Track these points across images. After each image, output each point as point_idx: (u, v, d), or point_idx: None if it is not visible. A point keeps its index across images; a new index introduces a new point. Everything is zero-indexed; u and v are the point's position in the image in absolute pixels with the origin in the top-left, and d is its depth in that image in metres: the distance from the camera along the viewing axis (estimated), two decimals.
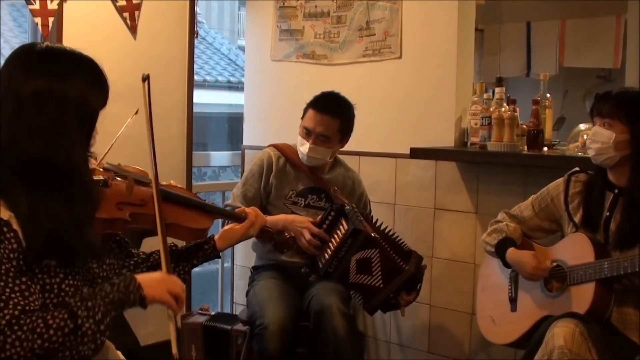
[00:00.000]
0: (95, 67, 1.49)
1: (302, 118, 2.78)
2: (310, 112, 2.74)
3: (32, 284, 1.35)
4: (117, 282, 1.44)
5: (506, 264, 2.35)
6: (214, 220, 1.93)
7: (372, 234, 2.56)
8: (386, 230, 2.69)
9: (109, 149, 1.90)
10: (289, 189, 2.81)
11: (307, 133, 2.73)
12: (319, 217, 2.70)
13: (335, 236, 2.61)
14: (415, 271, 2.55)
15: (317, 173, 2.82)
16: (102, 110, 1.50)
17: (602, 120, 2.15)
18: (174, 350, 1.57)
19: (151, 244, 1.91)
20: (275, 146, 2.88)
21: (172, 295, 1.52)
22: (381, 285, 2.53)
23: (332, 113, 2.71)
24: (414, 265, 2.56)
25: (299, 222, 2.67)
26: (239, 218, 1.98)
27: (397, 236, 2.70)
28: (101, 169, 1.74)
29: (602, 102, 2.16)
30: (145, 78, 1.65)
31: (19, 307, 1.29)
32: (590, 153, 2.18)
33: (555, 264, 2.26)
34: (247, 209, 2.01)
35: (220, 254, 1.96)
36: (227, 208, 2.81)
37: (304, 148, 2.74)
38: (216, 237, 1.93)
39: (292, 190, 2.81)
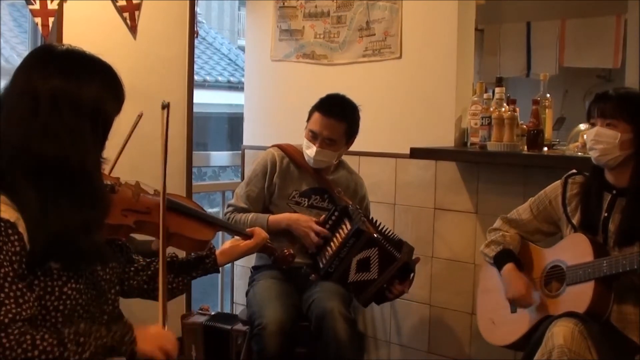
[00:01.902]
0: (112, 73, 1.50)
1: (308, 120, 2.78)
2: (316, 115, 2.73)
3: (27, 291, 1.34)
4: (115, 329, 1.44)
5: None
6: (216, 233, 1.94)
7: (375, 235, 2.57)
8: (378, 225, 2.71)
9: (118, 156, 1.91)
10: (293, 189, 2.81)
11: (313, 136, 2.72)
12: (322, 216, 2.71)
13: (338, 236, 2.63)
14: (408, 260, 2.57)
15: (321, 173, 2.82)
16: (116, 116, 1.50)
17: (605, 121, 2.14)
18: None
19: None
20: (279, 146, 2.88)
21: (163, 351, 1.52)
22: (375, 277, 2.55)
23: (339, 117, 2.71)
24: (406, 254, 2.58)
25: (303, 221, 2.69)
26: (243, 233, 2.00)
27: (390, 230, 2.73)
28: (109, 174, 1.74)
29: (604, 103, 2.15)
30: (165, 106, 1.67)
31: (9, 315, 1.28)
32: (594, 154, 2.16)
33: (549, 274, 2.26)
34: (254, 229, 2.04)
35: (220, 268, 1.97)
36: (230, 208, 2.81)
37: (310, 151, 2.73)
38: (217, 252, 1.94)
39: (296, 190, 2.81)
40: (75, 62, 1.45)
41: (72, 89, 1.40)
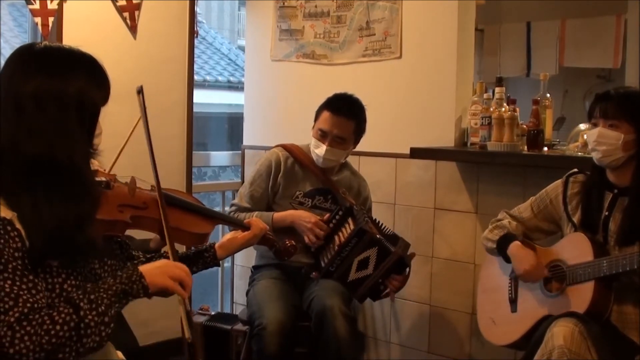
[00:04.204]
0: (94, 63, 1.49)
1: (316, 120, 2.78)
2: (326, 114, 2.72)
3: (38, 282, 1.36)
4: (120, 274, 1.45)
5: (506, 259, 2.34)
6: (214, 226, 1.94)
7: (377, 236, 2.57)
8: (380, 224, 2.71)
9: (117, 158, 1.90)
10: (297, 189, 2.81)
11: (323, 135, 2.72)
12: (327, 215, 2.71)
13: (340, 234, 2.63)
14: (402, 254, 2.57)
15: (326, 174, 2.82)
16: (103, 106, 1.50)
17: (607, 122, 2.13)
18: (187, 334, 1.57)
19: None
20: (284, 146, 2.87)
21: (175, 279, 1.50)
22: (371, 272, 2.55)
23: (348, 115, 2.71)
24: (401, 249, 2.59)
25: (306, 217, 2.68)
26: (241, 225, 2.00)
27: (386, 227, 2.73)
28: (104, 171, 1.74)
29: (605, 103, 2.14)
30: (140, 90, 1.66)
31: (27, 305, 1.30)
32: (597, 155, 2.16)
33: (551, 273, 2.26)
34: (251, 220, 2.04)
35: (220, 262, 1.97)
36: (233, 208, 2.81)
37: (319, 150, 2.73)
38: (217, 245, 1.94)
39: (300, 191, 2.81)
40: (55, 57, 1.45)
41: (55, 84, 1.40)
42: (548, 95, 2.82)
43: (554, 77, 3.97)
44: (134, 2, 3.27)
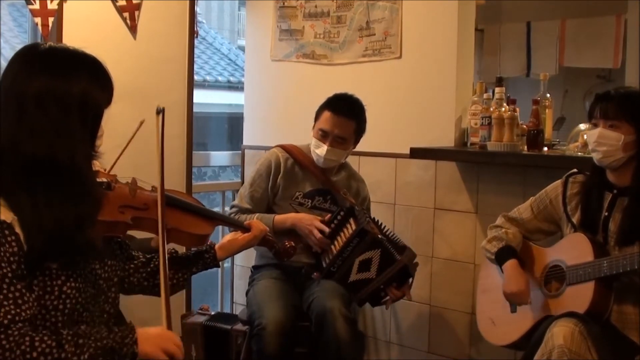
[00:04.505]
0: (98, 65, 1.49)
1: (316, 120, 2.78)
2: (327, 114, 2.72)
3: (26, 292, 1.35)
4: (116, 330, 1.43)
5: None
6: (215, 227, 1.94)
7: (379, 236, 2.57)
8: (383, 227, 2.70)
9: (118, 159, 1.90)
10: (296, 190, 2.81)
11: (324, 135, 2.72)
12: (328, 216, 2.71)
13: (342, 235, 2.63)
14: (408, 262, 2.57)
15: (326, 174, 2.82)
16: (107, 107, 1.50)
17: (607, 122, 2.13)
18: None
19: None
20: (283, 147, 2.87)
21: (165, 353, 1.49)
22: (374, 276, 2.55)
23: (349, 115, 2.72)
24: (406, 257, 2.58)
25: (307, 219, 2.68)
26: (241, 226, 2.00)
27: (395, 235, 2.72)
28: (105, 172, 1.74)
29: (606, 104, 2.14)
30: (160, 111, 1.66)
31: (8, 316, 1.29)
32: (597, 156, 2.16)
33: (551, 273, 2.26)
34: (251, 221, 2.05)
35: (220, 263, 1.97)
36: (234, 209, 2.81)
37: (320, 150, 2.73)
38: (217, 246, 1.94)
39: (300, 191, 2.81)
40: (59, 58, 1.45)
41: (58, 85, 1.40)
42: (548, 95, 2.82)
43: (554, 77, 3.97)
44: (134, 2, 3.26)
